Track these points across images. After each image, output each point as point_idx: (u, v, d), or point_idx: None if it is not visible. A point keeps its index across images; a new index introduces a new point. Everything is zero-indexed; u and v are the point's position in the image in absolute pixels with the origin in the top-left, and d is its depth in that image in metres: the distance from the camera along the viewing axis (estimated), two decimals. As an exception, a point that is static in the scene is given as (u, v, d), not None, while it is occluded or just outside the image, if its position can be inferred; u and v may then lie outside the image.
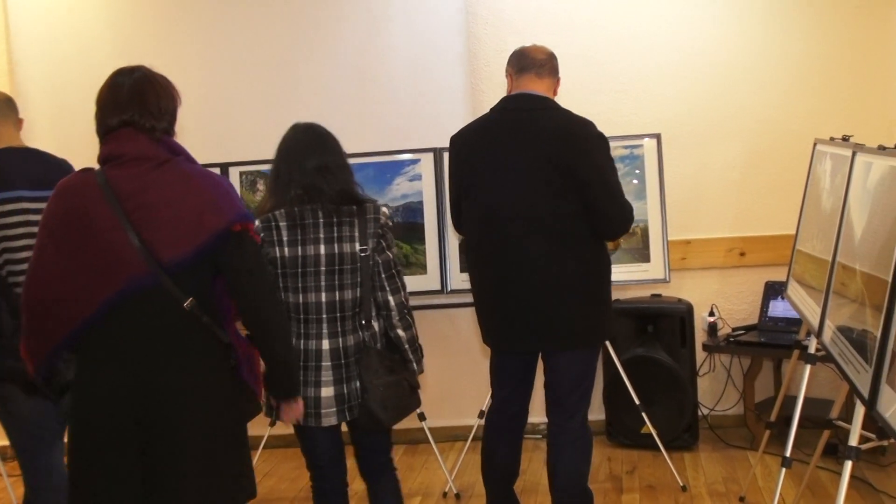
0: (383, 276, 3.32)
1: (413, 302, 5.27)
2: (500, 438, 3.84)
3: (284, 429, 5.03)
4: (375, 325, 3.34)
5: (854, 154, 3.38)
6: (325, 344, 3.23)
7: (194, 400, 2.69)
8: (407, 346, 3.42)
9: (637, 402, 4.73)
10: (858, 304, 2.97)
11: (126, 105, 2.69)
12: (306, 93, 5.39)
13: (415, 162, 4.89)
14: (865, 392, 2.72)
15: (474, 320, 5.34)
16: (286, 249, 3.18)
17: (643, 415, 4.76)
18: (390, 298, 3.34)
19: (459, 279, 4.82)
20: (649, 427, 4.77)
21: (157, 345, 2.67)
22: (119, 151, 2.67)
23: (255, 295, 2.77)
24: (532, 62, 3.64)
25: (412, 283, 4.75)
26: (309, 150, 3.30)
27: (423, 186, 4.87)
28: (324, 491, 3.47)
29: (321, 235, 3.21)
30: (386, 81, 5.37)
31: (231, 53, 5.44)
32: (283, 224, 3.19)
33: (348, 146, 4.87)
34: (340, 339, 3.25)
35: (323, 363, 3.22)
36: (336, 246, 3.23)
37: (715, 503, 4.43)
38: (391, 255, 3.35)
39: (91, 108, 2.77)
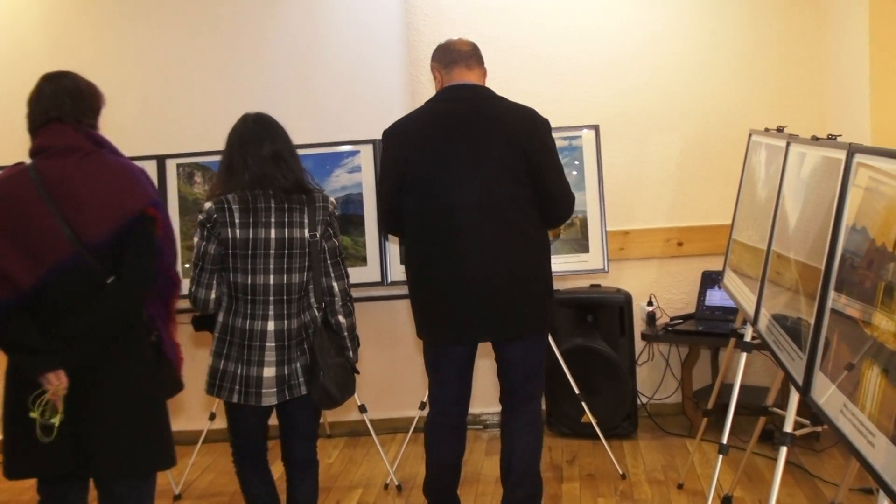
0: (329, 262, 3.43)
1: (353, 294, 5.26)
2: (451, 443, 3.79)
3: (224, 423, 4.97)
4: (317, 310, 3.43)
5: (788, 145, 3.42)
6: (271, 325, 3.32)
7: (114, 369, 2.94)
8: (346, 334, 3.51)
9: (577, 391, 4.76)
10: (793, 292, 3.01)
11: (54, 103, 2.96)
12: (244, 84, 5.34)
13: (354, 153, 4.86)
14: (800, 379, 2.76)
15: (415, 312, 5.37)
16: (238, 231, 3.27)
17: (583, 404, 4.79)
18: (334, 284, 3.45)
19: (399, 271, 4.81)
20: (589, 416, 4.80)
21: None
22: (48, 144, 2.92)
23: (134, 274, 2.93)
24: (459, 55, 3.64)
25: (352, 274, 4.74)
26: (262, 138, 3.38)
27: (363, 178, 4.84)
28: (249, 465, 3.57)
29: (272, 220, 3.31)
30: (325, 73, 5.34)
31: (166, 46, 5.37)
32: (235, 206, 3.28)
33: (287, 138, 4.87)
34: (285, 322, 3.34)
35: (267, 344, 3.31)
36: (287, 231, 3.33)
37: (654, 490, 4.48)
38: (337, 243, 3.48)
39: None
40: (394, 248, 4.84)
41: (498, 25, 5.22)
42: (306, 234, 3.36)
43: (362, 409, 4.76)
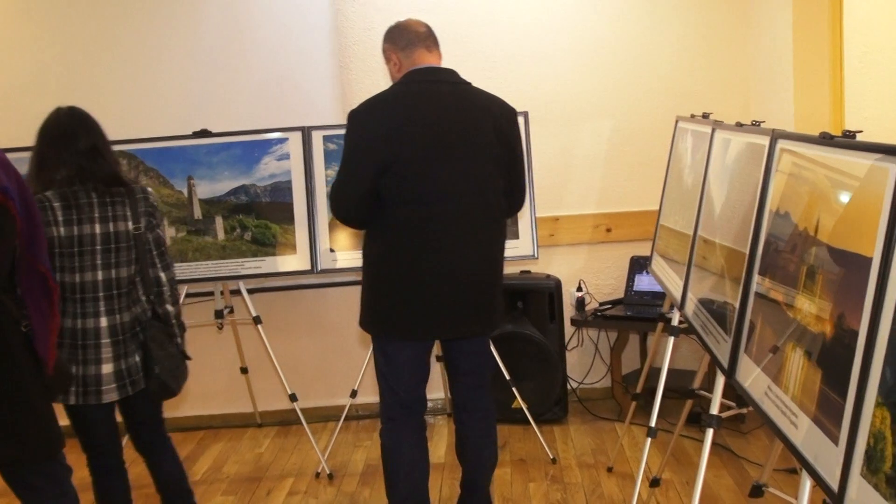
0: (154, 252, 3.40)
1: (283, 282, 5.24)
2: (422, 446, 3.61)
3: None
4: (146, 301, 3.40)
5: (713, 131, 3.46)
6: (103, 321, 3.28)
7: None
8: (174, 321, 3.47)
9: (507, 377, 4.78)
10: (718, 276, 3.06)
11: None
12: (169, 71, 5.26)
13: (282, 141, 4.81)
14: (725, 362, 2.80)
15: (345, 300, 5.35)
16: (62, 229, 3.20)
17: (514, 390, 4.82)
18: (161, 274, 3.43)
19: (329, 259, 4.78)
20: (520, 402, 4.83)
21: None
22: None
23: None
24: (418, 36, 3.48)
25: (282, 263, 4.71)
26: (77, 132, 3.31)
27: (292, 165, 4.80)
28: (107, 468, 3.51)
29: (96, 215, 3.25)
30: (253, 60, 5.28)
31: (87, 32, 5.25)
32: (56, 204, 3.20)
33: (215, 125, 4.83)
34: (117, 316, 3.31)
35: (102, 340, 3.27)
36: (111, 225, 3.28)
37: (584, 474, 4.52)
38: (161, 234, 3.45)
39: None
40: (323, 235, 4.80)
41: (427, 12, 5.17)
42: (130, 226, 3.31)
43: (293, 397, 4.73)
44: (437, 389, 5.45)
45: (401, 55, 3.48)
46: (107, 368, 3.26)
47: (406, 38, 3.48)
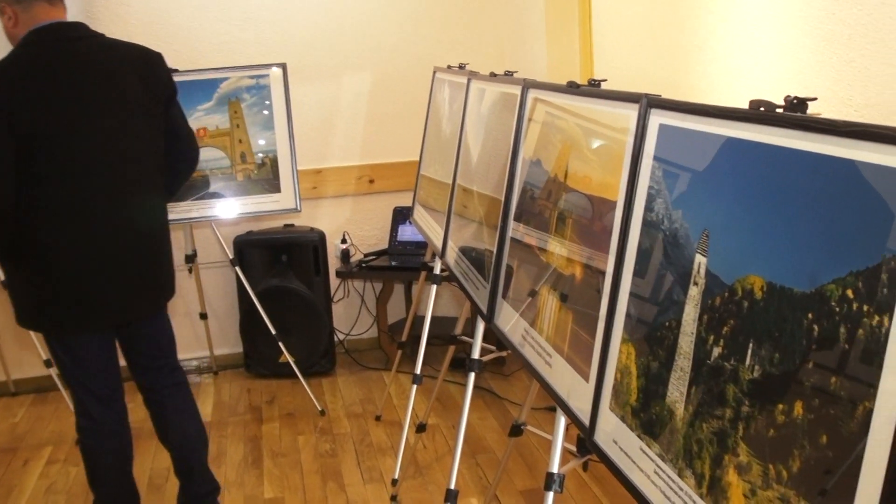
0: None
1: None
2: (127, 445, 3.35)
3: None
4: None
5: (469, 81, 3.52)
6: None
7: None
8: None
9: (273, 332, 4.74)
10: (478, 224, 3.12)
11: None
12: None
13: None
14: (485, 307, 2.88)
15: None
16: None
17: (280, 344, 4.79)
18: None
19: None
20: (287, 356, 4.81)
21: None
22: None
23: None
24: None
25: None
26: None
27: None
28: None
29: None
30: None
31: None
32: None
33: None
34: None
35: None
36: None
37: (353, 424, 4.56)
38: None
39: None
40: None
41: (178, -41, 5.03)
42: None
43: (48, 363, 4.52)
44: (202, 348, 5.36)
45: (18, 9, 3.00)
46: None
47: None
